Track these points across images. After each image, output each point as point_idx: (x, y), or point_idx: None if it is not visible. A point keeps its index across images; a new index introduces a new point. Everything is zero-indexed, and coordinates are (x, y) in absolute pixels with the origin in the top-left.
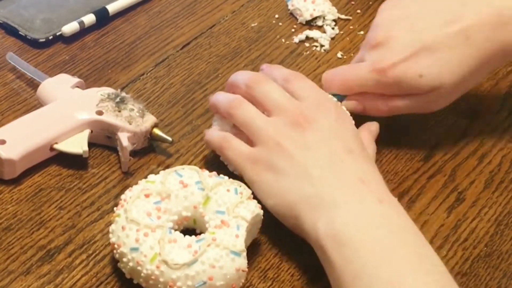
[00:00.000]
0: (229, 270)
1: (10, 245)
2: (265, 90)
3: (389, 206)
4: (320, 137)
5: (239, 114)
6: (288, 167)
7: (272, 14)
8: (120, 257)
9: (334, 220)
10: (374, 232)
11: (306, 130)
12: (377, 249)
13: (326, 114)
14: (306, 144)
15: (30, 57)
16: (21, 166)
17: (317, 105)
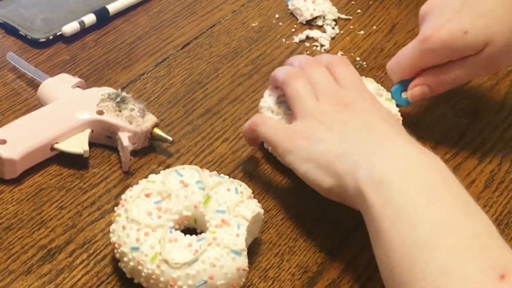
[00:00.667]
0: (229, 269)
1: (11, 245)
2: (316, 72)
3: (429, 156)
4: (356, 113)
5: (294, 85)
6: (325, 136)
7: (273, 14)
8: (121, 257)
9: (374, 165)
10: (414, 174)
11: (344, 110)
12: (417, 191)
13: (363, 99)
14: (343, 119)
15: (31, 57)
16: (21, 165)
17: (356, 92)
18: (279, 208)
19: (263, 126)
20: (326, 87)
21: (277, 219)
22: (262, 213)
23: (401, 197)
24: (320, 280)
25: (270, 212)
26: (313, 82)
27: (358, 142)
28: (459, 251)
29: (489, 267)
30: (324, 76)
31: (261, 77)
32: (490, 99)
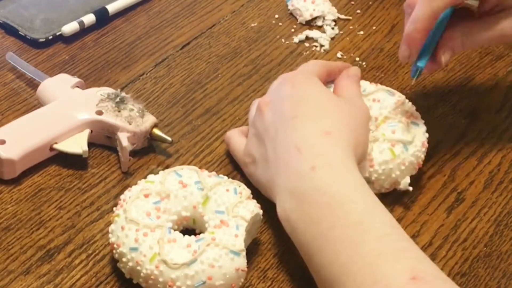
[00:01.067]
0: (228, 270)
1: (9, 245)
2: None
3: (321, 173)
4: (272, 114)
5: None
6: (258, 156)
7: (272, 14)
8: (120, 257)
9: (283, 203)
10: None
11: (263, 113)
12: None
13: (280, 89)
14: (264, 127)
15: (30, 57)
16: (20, 166)
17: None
18: None
19: (230, 146)
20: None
21: (276, 219)
22: (261, 213)
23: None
24: None
25: (269, 213)
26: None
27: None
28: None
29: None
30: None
31: (261, 77)
32: (490, 99)
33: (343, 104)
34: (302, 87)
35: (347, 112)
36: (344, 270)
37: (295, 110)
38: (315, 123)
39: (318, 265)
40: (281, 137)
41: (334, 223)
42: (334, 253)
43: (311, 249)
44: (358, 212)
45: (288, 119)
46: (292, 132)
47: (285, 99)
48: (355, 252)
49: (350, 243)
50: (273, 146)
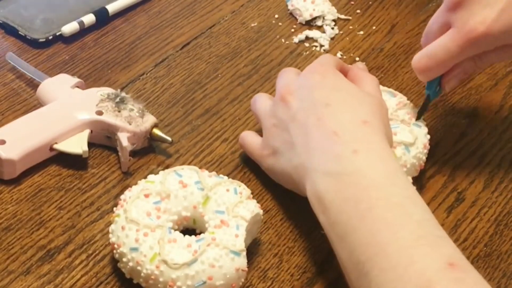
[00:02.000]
0: (228, 270)
1: (10, 245)
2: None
3: (363, 157)
4: (299, 102)
5: (255, 108)
6: (280, 145)
7: (272, 14)
8: (120, 257)
9: (316, 183)
10: (348, 190)
11: (288, 101)
12: (353, 208)
13: (308, 78)
14: (290, 115)
15: (30, 57)
16: (21, 166)
17: (302, 75)
18: (278, 209)
19: (245, 147)
20: (278, 83)
21: (276, 219)
22: (261, 213)
23: (342, 222)
24: (319, 281)
25: (269, 213)
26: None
27: (302, 154)
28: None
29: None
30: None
31: (261, 77)
32: (490, 99)
33: (370, 97)
34: (331, 78)
35: (376, 104)
36: (379, 250)
37: (328, 98)
38: (351, 112)
39: (351, 245)
40: (313, 123)
41: (373, 204)
42: (371, 233)
43: (345, 228)
44: (399, 196)
45: (321, 106)
46: (328, 119)
47: (316, 87)
48: (393, 233)
49: (389, 224)
50: (304, 131)
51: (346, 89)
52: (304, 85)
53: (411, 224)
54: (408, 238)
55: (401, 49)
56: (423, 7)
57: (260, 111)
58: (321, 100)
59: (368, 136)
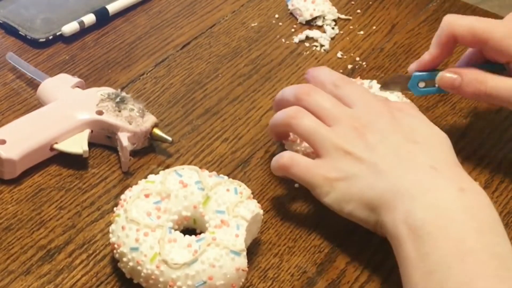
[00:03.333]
0: (229, 270)
1: (10, 245)
2: (316, 100)
3: (471, 195)
4: (380, 136)
5: (300, 124)
6: (358, 171)
7: (272, 14)
8: (120, 257)
9: (412, 212)
10: (452, 227)
11: (365, 133)
12: (453, 246)
13: (379, 116)
14: (369, 145)
15: (30, 57)
16: (21, 166)
17: (368, 110)
18: (279, 209)
19: (295, 168)
20: (333, 112)
21: (277, 219)
22: (262, 213)
23: (435, 255)
24: (320, 281)
25: (270, 213)
26: (316, 110)
27: (394, 181)
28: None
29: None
30: (325, 100)
31: (261, 77)
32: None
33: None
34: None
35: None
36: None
37: (411, 137)
38: (441, 152)
39: (441, 282)
40: (405, 154)
41: (477, 248)
42: (469, 277)
43: (438, 264)
44: (503, 247)
45: (408, 143)
46: (420, 153)
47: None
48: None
49: (489, 275)
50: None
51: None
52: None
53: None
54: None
55: (401, 49)
56: (423, 7)
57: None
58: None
59: (465, 175)
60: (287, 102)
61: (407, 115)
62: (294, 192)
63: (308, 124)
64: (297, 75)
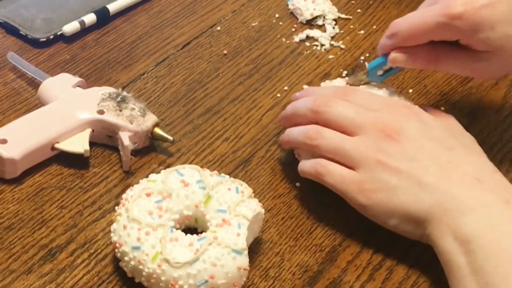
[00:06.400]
0: (230, 269)
1: (11, 244)
2: (337, 111)
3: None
4: (416, 144)
5: (322, 144)
6: (398, 182)
7: (273, 14)
8: (122, 256)
9: (462, 227)
10: (503, 239)
11: (399, 141)
12: (507, 256)
13: (407, 119)
14: (407, 154)
15: (31, 56)
16: (22, 165)
17: (393, 113)
18: (280, 208)
19: (329, 176)
20: (358, 120)
21: (278, 218)
22: (263, 212)
23: (491, 267)
24: (321, 280)
25: (271, 212)
26: (339, 121)
27: (441, 196)
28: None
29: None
30: (347, 109)
31: (261, 76)
32: (490, 99)
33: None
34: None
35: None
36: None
37: (448, 141)
38: (480, 159)
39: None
40: (445, 165)
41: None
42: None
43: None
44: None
45: (445, 151)
46: (461, 163)
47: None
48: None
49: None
50: (439, 172)
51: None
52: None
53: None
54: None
55: None
56: None
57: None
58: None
59: (509, 186)
60: (301, 117)
61: (430, 118)
62: (296, 191)
63: (329, 142)
64: (298, 75)
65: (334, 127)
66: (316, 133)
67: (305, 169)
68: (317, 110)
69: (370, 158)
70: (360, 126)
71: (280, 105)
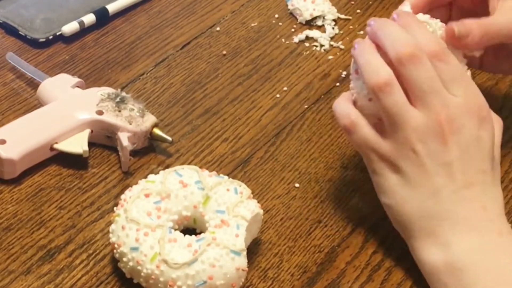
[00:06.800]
0: (229, 270)
1: (10, 245)
2: (417, 74)
3: (508, 240)
4: (458, 154)
5: (385, 100)
6: (415, 175)
7: (272, 14)
8: (120, 257)
9: (452, 249)
10: (492, 266)
11: (447, 143)
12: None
13: (473, 121)
14: (442, 159)
15: (30, 57)
16: (21, 166)
17: (466, 107)
18: (279, 208)
19: (354, 135)
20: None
21: (277, 219)
22: (262, 213)
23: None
24: (319, 281)
25: (270, 212)
26: (411, 84)
27: (443, 210)
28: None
29: None
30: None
31: (261, 77)
32: (490, 99)
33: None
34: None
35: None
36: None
37: (487, 162)
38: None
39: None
40: (464, 185)
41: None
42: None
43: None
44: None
45: (477, 171)
46: (479, 189)
47: (476, 144)
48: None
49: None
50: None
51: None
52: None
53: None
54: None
55: None
56: None
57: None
58: (481, 162)
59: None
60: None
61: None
62: (295, 192)
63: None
64: (297, 75)
65: (407, 86)
66: (389, 88)
67: (338, 114)
68: (401, 60)
69: (408, 142)
70: (426, 103)
71: (279, 105)
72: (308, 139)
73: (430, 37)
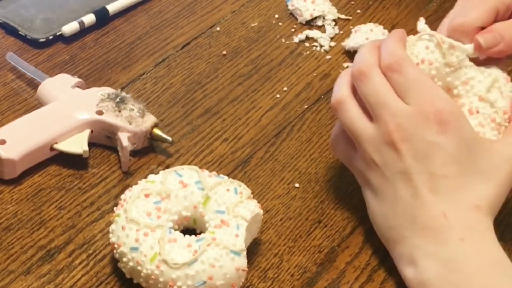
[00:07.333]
0: (229, 270)
1: (10, 245)
2: (364, 89)
3: (470, 245)
4: (413, 162)
5: (341, 118)
6: (379, 186)
7: (272, 14)
8: (120, 257)
9: (415, 261)
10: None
11: (400, 151)
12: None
13: (427, 127)
14: (398, 167)
15: (30, 57)
16: (21, 166)
17: (419, 114)
18: (279, 209)
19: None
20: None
21: (277, 219)
22: (262, 213)
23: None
24: (319, 281)
25: (270, 213)
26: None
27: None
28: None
29: None
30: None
31: (261, 77)
32: None
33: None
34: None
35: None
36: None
37: (446, 169)
38: (466, 193)
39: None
40: (425, 193)
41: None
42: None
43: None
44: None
45: (437, 177)
46: (440, 195)
47: (434, 149)
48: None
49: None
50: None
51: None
52: (419, 135)
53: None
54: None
55: None
56: (423, 7)
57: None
58: (441, 168)
59: (477, 223)
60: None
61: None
62: (294, 192)
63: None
64: (297, 75)
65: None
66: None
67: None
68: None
69: (366, 152)
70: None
71: (279, 105)
72: (308, 139)
73: (389, 50)
